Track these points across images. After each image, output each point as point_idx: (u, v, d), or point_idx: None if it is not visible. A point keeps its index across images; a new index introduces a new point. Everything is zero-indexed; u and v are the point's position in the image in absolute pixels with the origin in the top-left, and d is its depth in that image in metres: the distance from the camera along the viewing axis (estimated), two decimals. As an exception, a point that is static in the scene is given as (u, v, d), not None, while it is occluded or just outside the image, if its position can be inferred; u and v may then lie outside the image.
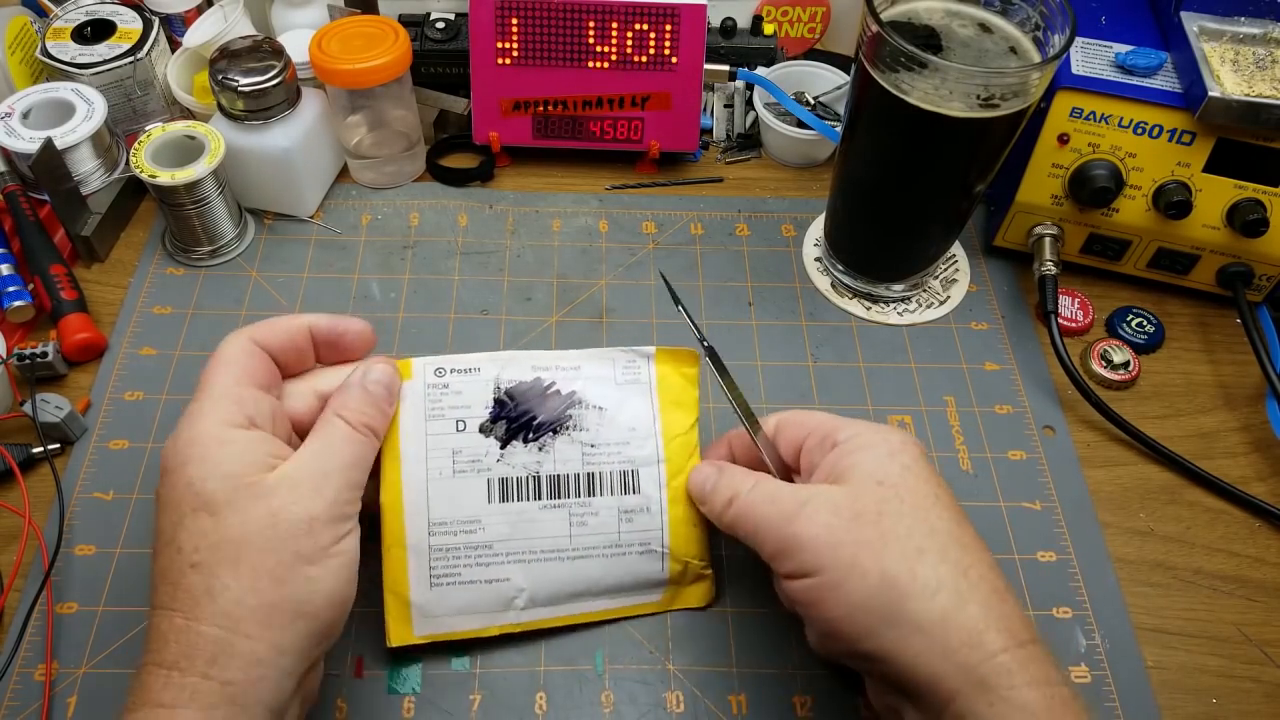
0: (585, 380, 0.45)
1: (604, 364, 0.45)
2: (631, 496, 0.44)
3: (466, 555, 0.43)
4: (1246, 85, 0.51)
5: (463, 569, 0.43)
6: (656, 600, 0.46)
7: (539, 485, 0.44)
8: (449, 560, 0.43)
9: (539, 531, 0.43)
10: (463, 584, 0.43)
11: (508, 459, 0.43)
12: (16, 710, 0.42)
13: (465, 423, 0.43)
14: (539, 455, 0.44)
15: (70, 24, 0.64)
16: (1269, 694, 0.45)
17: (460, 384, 0.44)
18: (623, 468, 0.44)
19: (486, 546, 0.43)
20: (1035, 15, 0.49)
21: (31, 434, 0.50)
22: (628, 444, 0.44)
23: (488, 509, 0.43)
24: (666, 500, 0.44)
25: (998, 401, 0.56)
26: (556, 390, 0.44)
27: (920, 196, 0.54)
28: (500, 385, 0.44)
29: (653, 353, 0.46)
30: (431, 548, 0.43)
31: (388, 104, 0.63)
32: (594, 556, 0.44)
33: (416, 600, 0.43)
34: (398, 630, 0.43)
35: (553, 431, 0.44)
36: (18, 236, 0.58)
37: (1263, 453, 0.54)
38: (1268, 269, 0.57)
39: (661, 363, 0.46)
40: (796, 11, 0.71)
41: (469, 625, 0.43)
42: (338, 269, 0.60)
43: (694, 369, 0.46)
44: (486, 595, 0.43)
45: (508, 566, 0.43)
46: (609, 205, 0.65)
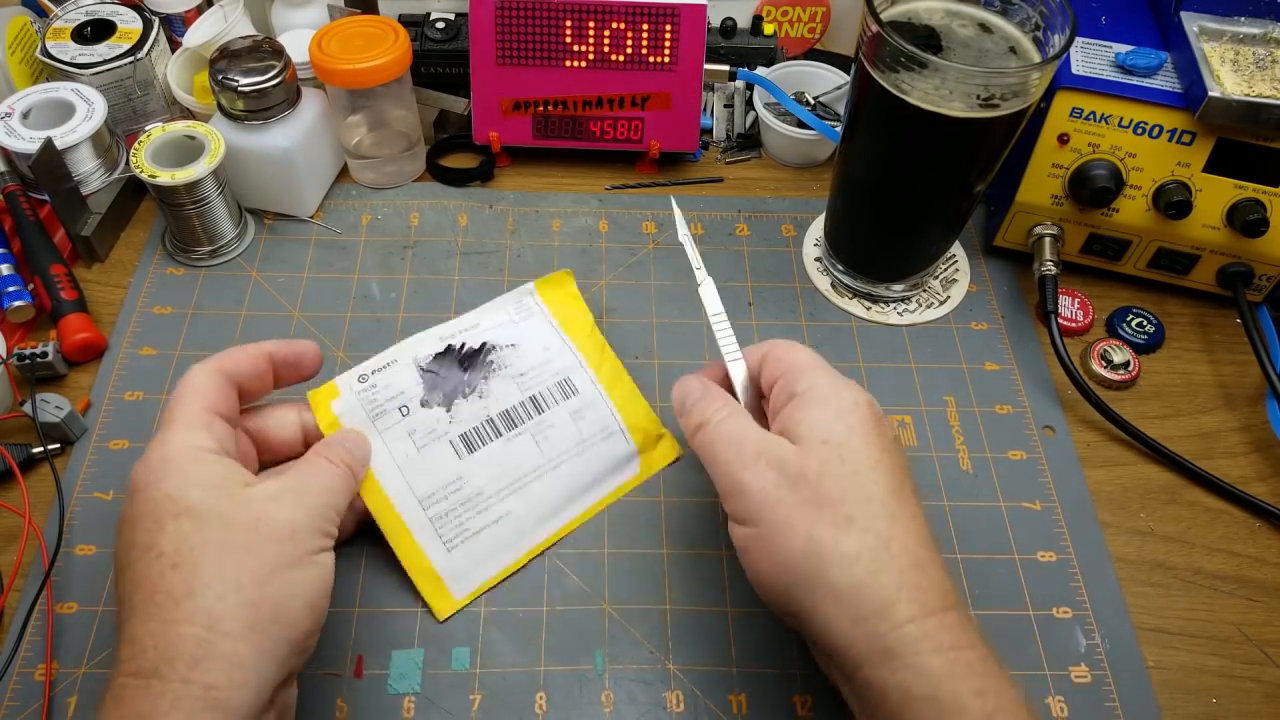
0: (488, 330, 0.51)
1: (497, 312, 0.52)
2: (574, 399, 0.50)
3: (464, 510, 0.47)
4: (1246, 85, 0.51)
5: (467, 522, 0.47)
6: (637, 472, 0.51)
7: (494, 425, 0.49)
8: (452, 522, 0.47)
9: (513, 460, 0.48)
10: (474, 535, 0.47)
11: (457, 417, 0.48)
12: (16, 710, 0.42)
13: (407, 407, 0.48)
14: (482, 402, 0.49)
15: (70, 24, 0.64)
16: (1269, 694, 0.45)
17: (385, 379, 0.48)
18: (555, 379, 0.51)
19: (478, 494, 0.47)
20: (1035, 15, 0.49)
21: (31, 434, 0.50)
22: (549, 361, 0.51)
23: (462, 464, 0.48)
24: (603, 388, 0.51)
25: (998, 401, 0.56)
26: (469, 347, 0.50)
27: (920, 196, 0.54)
28: (420, 364, 0.49)
29: (533, 286, 0.54)
30: (431, 519, 0.46)
31: (388, 104, 0.63)
32: (568, 459, 0.49)
33: (442, 569, 0.46)
34: (440, 604, 0.46)
35: (483, 378, 0.49)
36: (18, 236, 0.58)
37: (1263, 453, 0.54)
38: (1268, 269, 0.57)
39: (543, 290, 0.54)
40: (796, 11, 0.71)
41: (497, 567, 0.47)
42: (338, 269, 0.60)
43: (572, 284, 0.54)
44: (499, 534, 0.47)
45: (504, 502, 0.48)
46: (609, 205, 0.65)
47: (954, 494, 0.52)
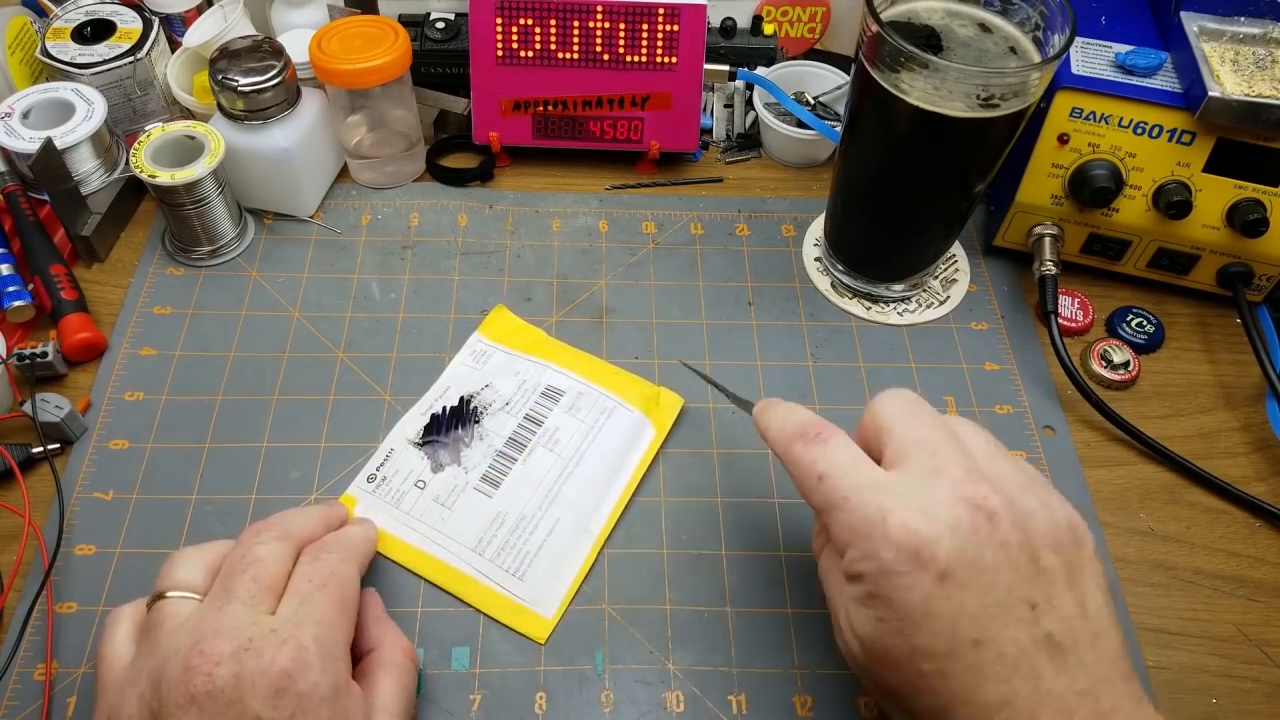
0: (459, 385, 0.54)
1: (458, 368, 0.55)
2: (563, 398, 0.53)
3: (516, 538, 0.48)
4: (1246, 85, 0.51)
5: (524, 546, 0.48)
6: (654, 435, 0.52)
7: (506, 455, 0.51)
8: (510, 553, 0.48)
9: (538, 476, 0.50)
10: (535, 555, 0.47)
11: (469, 465, 0.51)
12: (16, 710, 0.42)
13: (423, 481, 0.50)
14: (485, 442, 0.51)
15: (70, 24, 0.64)
16: (1269, 694, 0.45)
17: (390, 470, 0.51)
18: (537, 391, 0.53)
19: (521, 519, 0.49)
20: (1035, 15, 0.49)
21: (31, 434, 0.50)
22: (524, 382, 0.54)
23: (494, 502, 0.49)
24: (583, 378, 0.54)
25: (998, 401, 0.56)
26: (450, 408, 0.52)
27: (920, 196, 0.54)
28: (414, 442, 0.52)
29: (478, 334, 0.57)
30: (490, 559, 0.47)
31: (388, 104, 0.63)
32: (585, 450, 0.51)
33: (523, 598, 0.46)
34: (536, 629, 0.46)
35: (476, 423, 0.52)
36: (18, 236, 0.58)
37: (1263, 453, 0.54)
38: (1268, 269, 0.57)
39: (487, 331, 0.57)
40: (796, 11, 0.71)
41: (571, 572, 0.47)
42: (338, 269, 0.60)
43: (509, 316, 0.57)
44: (557, 543, 0.48)
45: (551, 510, 0.49)
46: (609, 205, 0.65)
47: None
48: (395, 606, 0.46)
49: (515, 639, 0.46)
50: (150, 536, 0.48)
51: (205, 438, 0.52)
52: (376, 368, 0.55)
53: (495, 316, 0.57)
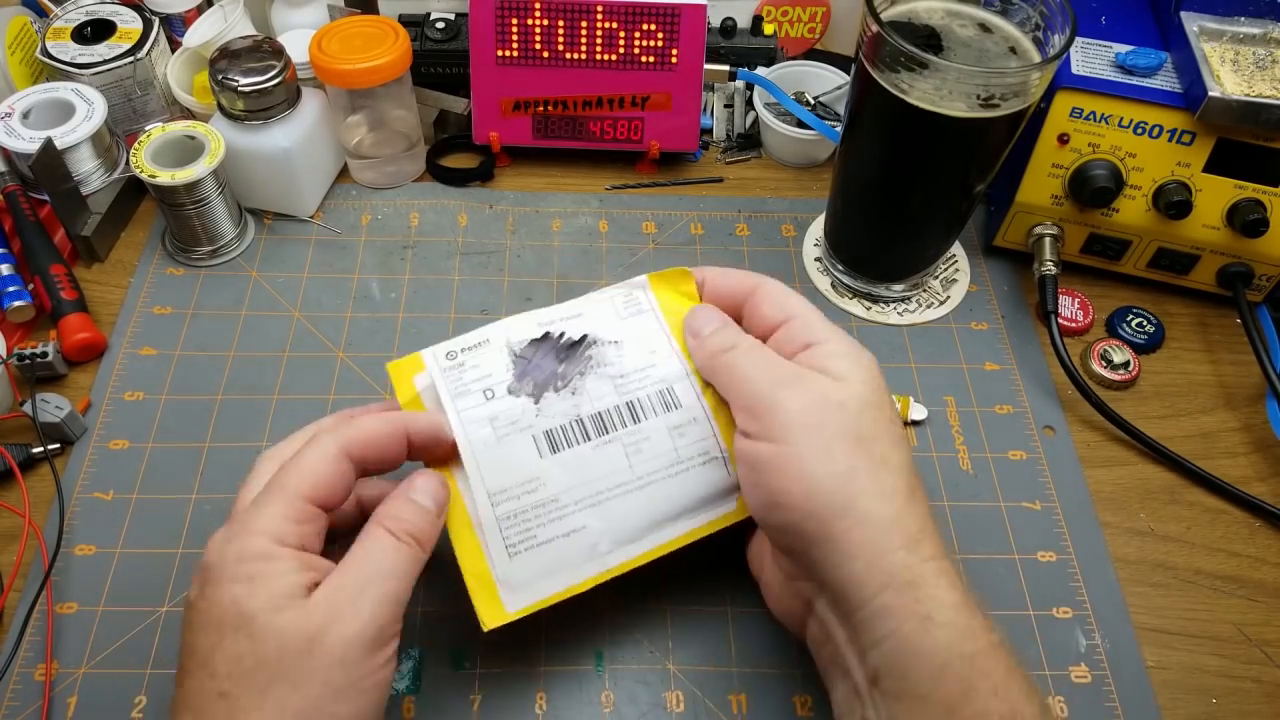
0: (592, 321, 0.45)
1: (604, 304, 0.46)
2: (675, 412, 0.43)
3: (536, 515, 0.42)
4: (1246, 85, 0.51)
5: (536, 530, 0.42)
6: (734, 508, 0.44)
7: (584, 427, 0.43)
8: (520, 525, 0.41)
9: (598, 470, 0.42)
10: (540, 545, 0.41)
11: (545, 411, 0.42)
12: (16, 710, 0.42)
13: (492, 390, 0.43)
14: (574, 399, 0.43)
15: (70, 24, 0.64)
16: (1269, 694, 0.45)
17: (474, 359, 0.43)
18: (657, 387, 0.43)
19: (553, 500, 0.42)
20: (1035, 15, 0.49)
21: (31, 434, 0.50)
22: (653, 366, 0.44)
23: (542, 464, 0.42)
24: (709, 407, 0.43)
25: (998, 401, 0.56)
26: (568, 338, 0.44)
27: (920, 196, 0.54)
28: (513, 348, 0.44)
29: (646, 281, 0.46)
30: (499, 518, 0.41)
31: (388, 104, 0.63)
32: (659, 480, 0.43)
33: (500, 575, 0.41)
34: (489, 612, 0.41)
35: (579, 374, 0.43)
36: (18, 236, 0.58)
37: (1263, 453, 0.54)
38: (1268, 269, 0.57)
39: (658, 288, 0.46)
40: (796, 11, 0.71)
41: (558, 586, 0.42)
42: (338, 269, 0.60)
43: (690, 284, 0.46)
44: (568, 549, 0.42)
45: (580, 514, 0.42)
46: (609, 205, 0.65)
47: (954, 494, 0.52)
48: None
49: (516, 639, 0.45)
50: (150, 536, 0.48)
51: (205, 438, 0.52)
52: (376, 368, 0.55)
53: (675, 276, 0.46)
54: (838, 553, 0.36)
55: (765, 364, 0.40)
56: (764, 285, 0.43)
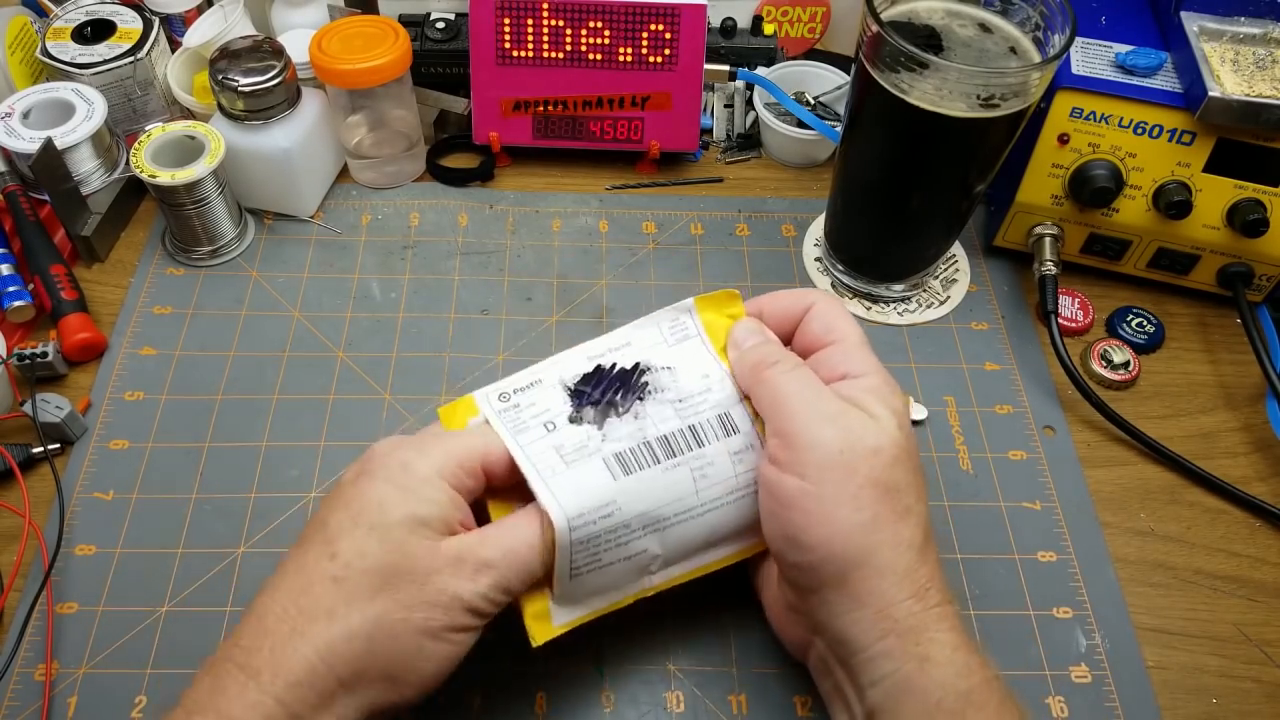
0: (641, 350, 0.44)
1: (650, 331, 0.45)
2: (735, 437, 0.42)
3: (606, 539, 0.40)
4: (1246, 85, 0.51)
5: (603, 553, 0.41)
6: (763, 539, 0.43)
7: (652, 449, 0.41)
8: (589, 550, 0.40)
9: (669, 495, 0.41)
10: (601, 568, 0.41)
11: (610, 436, 0.42)
12: (16, 710, 0.42)
13: (553, 423, 0.42)
14: (638, 423, 0.42)
15: (70, 24, 0.64)
16: (1269, 694, 0.45)
17: (528, 398, 0.43)
18: (716, 412, 0.43)
19: (624, 526, 0.41)
20: (1035, 15, 0.49)
21: (31, 434, 0.50)
22: (709, 390, 0.43)
23: (617, 486, 0.40)
24: (759, 433, 0.42)
25: (998, 401, 0.56)
26: (621, 367, 0.44)
27: (920, 196, 0.54)
28: (566, 384, 0.43)
29: (692, 305, 0.45)
30: (573, 542, 0.40)
31: (388, 104, 0.63)
32: (720, 506, 0.42)
33: (557, 595, 0.41)
34: (539, 628, 0.41)
35: (638, 399, 0.43)
36: (18, 236, 0.58)
37: (1263, 453, 0.54)
38: (1268, 269, 0.57)
39: (704, 311, 0.45)
40: (796, 11, 0.71)
41: (605, 603, 0.42)
42: (338, 269, 0.60)
43: (738, 307, 0.45)
44: (624, 571, 0.42)
45: (644, 539, 0.41)
46: (609, 205, 0.65)
47: (954, 494, 0.52)
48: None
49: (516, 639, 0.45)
50: (150, 536, 0.48)
51: (205, 437, 0.52)
52: (376, 368, 0.55)
53: (722, 298, 0.45)
54: (848, 598, 0.36)
55: (808, 391, 0.39)
56: (817, 304, 0.43)
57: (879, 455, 0.37)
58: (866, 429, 0.38)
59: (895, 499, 0.37)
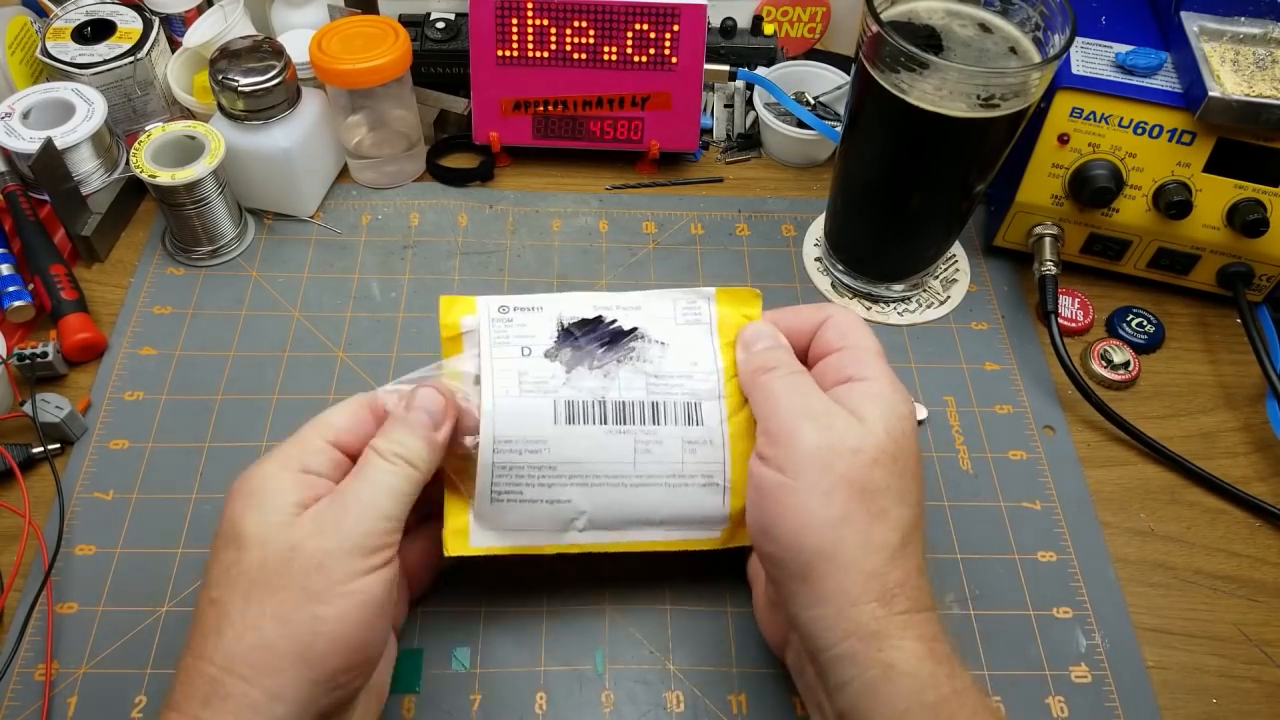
0: (647, 317, 0.45)
1: (664, 303, 0.46)
2: (695, 428, 0.43)
3: (530, 474, 0.43)
4: (1246, 85, 0.51)
5: (525, 487, 0.43)
6: (715, 537, 0.45)
7: (605, 410, 0.43)
8: (511, 477, 0.42)
9: (604, 456, 0.43)
10: (523, 501, 0.43)
11: (573, 383, 0.43)
12: (16, 710, 0.42)
13: (530, 349, 0.44)
14: (604, 382, 0.43)
15: (70, 24, 0.64)
16: (1269, 694, 0.45)
17: (524, 319, 0.45)
18: (686, 399, 0.44)
19: (550, 468, 0.43)
20: (1035, 15, 0.49)
21: (31, 434, 0.50)
22: (690, 377, 0.44)
23: (554, 430, 0.43)
24: (729, 434, 0.43)
25: (998, 401, 0.56)
26: (619, 325, 0.45)
27: (920, 196, 0.54)
28: (563, 320, 0.45)
29: (713, 293, 0.46)
30: (495, 464, 0.42)
31: (388, 104, 0.63)
32: (656, 485, 0.43)
33: (476, 512, 0.43)
34: (454, 541, 0.43)
35: (616, 360, 0.44)
36: (18, 236, 0.58)
37: (1263, 453, 0.54)
38: (1268, 269, 0.57)
39: (722, 303, 0.46)
40: (796, 11, 0.71)
41: (527, 542, 0.44)
42: (338, 269, 0.60)
43: (755, 309, 0.46)
44: (546, 514, 0.43)
45: (569, 488, 0.43)
46: (609, 205, 0.65)
47: (954, 494, 0.52)
48: (395, 606, 0.46)
49: (515, 639, 0.46)
50: (150, 536, 0.48)
51: (205, 437, 0.52)
52: (376, 368, 0.55)
53: (744, 296, 0.46)
54: (811, 593, 0.37)
55: (798, 392, 0.40)
56: (834, 315, 0.43)
57: (858, 455, 0.37)
58: (849, 429, 0.38)
59: (870, 499, 0.37)
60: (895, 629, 0.35)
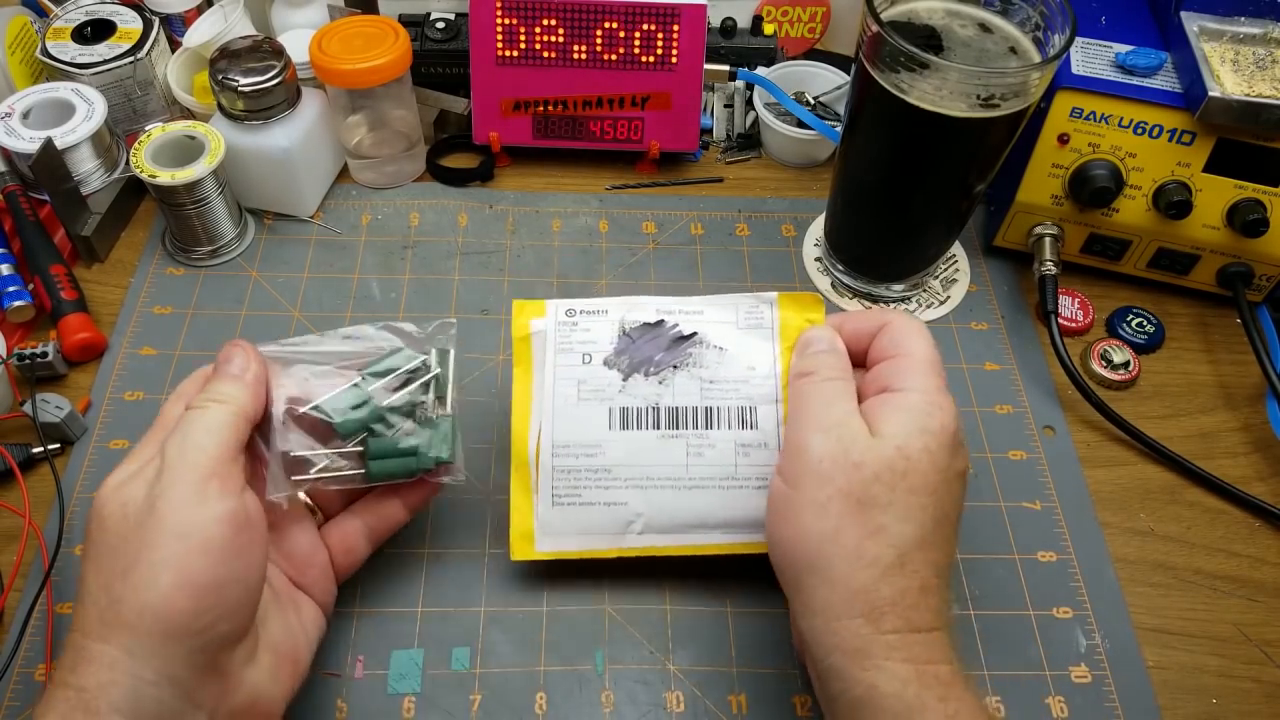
0: (707, 323, 0.47)
1: (727, 309, 0.47)
2: (749, 432, 0.45)
3: (587, 477, 0.45)
4: (1246, 85, 0.51)
5: (583, 490, 0.45)
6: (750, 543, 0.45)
7: (658, 415, 0.45)
8: (570, 480, 0.45)
9: (657, 459, 0.45)
10: (583, 505, 0.45)
11: (629, 390, 0.45)
12: (16, 710, 0.42)
13: (591, 356, 0.46)
14: (659, 389, 0.45)
15: (70, 24, 0.64)
16: (1269, 694, 0.45)
17: (588, 323, 0.47)
18: (740, 404, 0.45)
19: (606, 470, 0.45)
20: (1035, 15, 0.49)
21: (31, 434, 0.50)
22: (746, 382, 0.45)
23: (609, 435, 0.45)
24: (784, 439, 0.44)
25: (998, 401, 0.56)
26: (679, 331, 0.46)
27: (920, 196, 0.54)
28: (625, 325, 0.47)
29: (775, 298, 0.47)
30: (555, 468, 0.45)
31: (388, 104, 0.63)
32: (710, 488, 0.45)
33: (540, 516, 0.45)
34: (520, 546, 0.45)
35: (673, 367, 0.46)
36: (18, 236, 0.58)
37: (1263, 453, 0.54)
38: (1268, 269, 0.57)
39: (784, 307, 0.47)
40: (796, 11, 0.71)
41: (588, 545, 0.45)
42: (338, 269, 0.60)
43: (819, 313, 0.46)
44: (605, 517, 0.45)
45: (626, 491, 0.45)
46: (609, 205, 0.65)
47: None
48: (396, 607, 0.46)
49: (515, 639, 0.46)
50: (150, 536, 0.48)
51: (205, 438, 0.52)
52: (376, 368, 0.55)
53: (806, 301, 0.46)
54: (804, 604, 0.37)
55: (821, 402, 0.40)
56: (893, 321, 0.42)
57: (860, 470, 0.37)
58: (857, 442, 0.37)
59: (866, 515, 0.36)
60: (881, 649, 0.35)
